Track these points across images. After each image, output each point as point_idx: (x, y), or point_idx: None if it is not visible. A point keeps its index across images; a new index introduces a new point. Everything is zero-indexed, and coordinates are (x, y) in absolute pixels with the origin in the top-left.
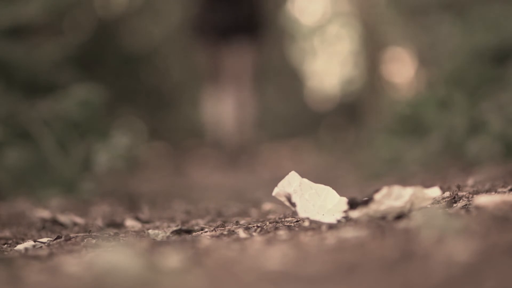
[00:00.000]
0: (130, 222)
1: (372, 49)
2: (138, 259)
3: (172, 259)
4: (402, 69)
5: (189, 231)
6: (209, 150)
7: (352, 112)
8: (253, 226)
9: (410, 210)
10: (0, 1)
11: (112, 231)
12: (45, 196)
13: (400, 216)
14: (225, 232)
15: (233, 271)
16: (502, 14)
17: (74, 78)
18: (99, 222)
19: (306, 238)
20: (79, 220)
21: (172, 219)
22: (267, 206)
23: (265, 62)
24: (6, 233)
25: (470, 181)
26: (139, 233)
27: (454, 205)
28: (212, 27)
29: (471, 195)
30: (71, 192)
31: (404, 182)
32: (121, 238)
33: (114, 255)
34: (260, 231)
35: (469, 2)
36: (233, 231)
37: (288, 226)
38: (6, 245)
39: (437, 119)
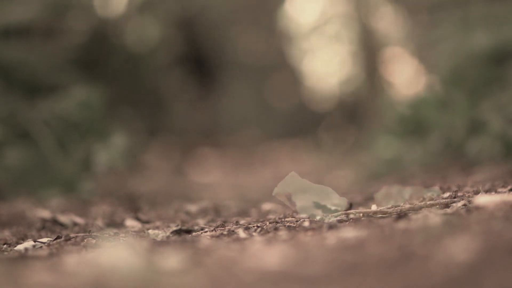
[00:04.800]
0: (130, 222)
1: (371, 49)
2: (138, 259)
3: (172, 259)
4: (402, 69)
5: (189, 231)
6: (210, 150)
7: (352, 112)
8: (253, 226)
9: (410, 210)
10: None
11: (112, 231)
12: (45, 196)
13: (400, 216)
14: (225, 232)
15: (233, 271)
16: (503, 14)
17: (74, 78)
18: (99, 222)
19: (306, 238)
20: (79, 220)
21: (172, 219)
22: (267, 206)
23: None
24: (6, 233)
25: (470, 181)
26: (139, 233)
27: (454, 205)
28: None
29: (471, 195)
30: (71, 192)
31: (404, 182)
32: (121, 238)
33: (114, 255)
34: (260, 231)
35: (469, 2)
36: (233, 231)
37: (288, 226)
38: (6, 245)
39: (437, 119)
